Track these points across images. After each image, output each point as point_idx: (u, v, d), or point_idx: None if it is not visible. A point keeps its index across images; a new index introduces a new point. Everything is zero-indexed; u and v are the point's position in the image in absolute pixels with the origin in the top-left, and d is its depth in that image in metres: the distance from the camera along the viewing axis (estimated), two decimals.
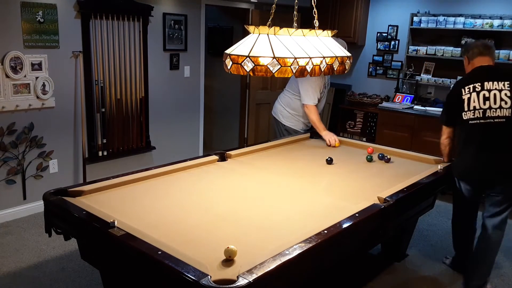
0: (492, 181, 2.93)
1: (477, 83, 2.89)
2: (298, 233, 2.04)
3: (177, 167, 2.97)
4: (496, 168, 2.89)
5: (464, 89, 2.92)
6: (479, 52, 2.99)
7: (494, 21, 4.88)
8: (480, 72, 2.96)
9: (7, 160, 3.81)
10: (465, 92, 2.91)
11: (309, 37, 2.49)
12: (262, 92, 5.98)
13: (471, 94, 2.89)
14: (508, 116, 2.81)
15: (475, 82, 2.90)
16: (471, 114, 2.89)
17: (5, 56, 3.62)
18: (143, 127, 4.72)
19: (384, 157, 3.42)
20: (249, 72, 2.24)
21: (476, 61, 3.00)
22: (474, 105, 2.87)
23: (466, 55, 3.06)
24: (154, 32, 4.66)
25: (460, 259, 3.35)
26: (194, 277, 1.64)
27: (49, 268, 3.19)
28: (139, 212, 2.32)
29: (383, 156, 3.43)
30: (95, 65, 4.21)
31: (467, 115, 2.90)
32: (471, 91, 2.89)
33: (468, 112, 2.90)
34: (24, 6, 3.68)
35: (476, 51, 3.00)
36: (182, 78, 5.09)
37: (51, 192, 2.39)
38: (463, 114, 2.92)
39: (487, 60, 2.99)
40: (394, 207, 2.50)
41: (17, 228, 3.78)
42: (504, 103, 2.82)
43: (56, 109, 4.05)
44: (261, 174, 3.01)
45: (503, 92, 2.83)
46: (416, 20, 5.42)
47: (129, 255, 1.95)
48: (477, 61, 3.00)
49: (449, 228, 4.11)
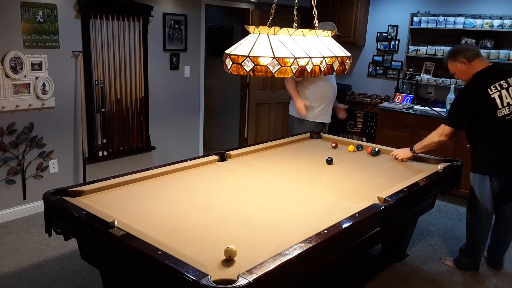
0: None
1: (501, 80, 3.01)
2: (298, 233, 2.04)
3: (177, 167, 2.97)
4: None
5: (490, 88, 3.00)
6: (477, 54, 3.11)
7: (494, 21, 4.88)
8: (495, 71, 3.08)
9: (7, 160, 3.81)
10: (492, 91, 3.00)
11: (309, 37, 2.49)
12: (262, 92, 5.98)
13: (500, 91, 3.00)
14: None
15: (499, 80, 3.01)
16: (506, 110, 3.00)
17: (5, 56, 3.62)
18: (143, 127, 4.72)
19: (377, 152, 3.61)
20: (249, 72, 2.24)
21: (478, 63, 3.09)
22: (507, 101, 3.00)
23: (463, 59, 3.11)
24: (154, 32, 4.66)
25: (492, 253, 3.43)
26: (194, 277, 1.64)
27: (49, 268, 3.19)
28: (139, 212, 2.32)
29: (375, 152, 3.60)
30: (95, 65, 4.21)
31: (503, 112, 3.00)
32: (498, 89, 3.00)
33: (503, 109, 3.00)
34: (24, 6, 3.67)
35: (473, 53, 3.10)
36: (182, 78, 5.09)
37: (51, 192, 2.39)
38: (498, 112, 3.00)
39: (484, 61, 3.14)
40: (394, 207, 2.50)
41: (17, 228, 3.78)
42: None
43: (56, 109, 4.05)
44: (261, 174, 3.01)
45: None
46: (416, 20, 5.42)
47: (129, 255, 1.95)
48: (479, 62, 3.10)
49: (449, 228, 4.13)
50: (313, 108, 4.37)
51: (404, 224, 3.15)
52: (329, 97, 4.40)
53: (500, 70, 3.12)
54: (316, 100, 4.36)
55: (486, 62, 3.13)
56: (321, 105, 4.37)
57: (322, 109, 4.39)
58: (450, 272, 3.35)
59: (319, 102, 4.37)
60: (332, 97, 4.44)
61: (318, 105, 4.37)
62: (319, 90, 4.33)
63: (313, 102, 4.36)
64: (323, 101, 4.37)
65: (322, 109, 4.39)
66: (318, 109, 4.38)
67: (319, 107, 4.38)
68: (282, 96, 6.17)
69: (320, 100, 4.37)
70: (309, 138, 4.08)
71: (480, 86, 3.05)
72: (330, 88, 4.38)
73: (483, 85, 3.03)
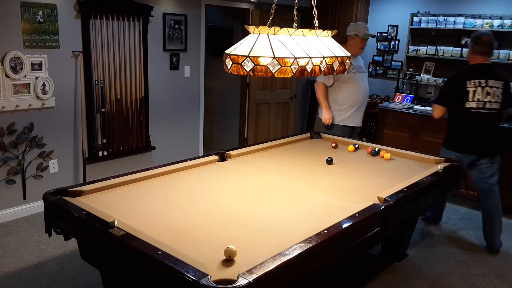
0: (483, 154, 3.63)
1: (482, 79, 3.52)
2: (298, 233, 2.04)
3: (177, 167, 2.97)
4: (487, 144, 3.63)
5: (469, 81, 3.53)
6: (482, 51, 3.55)
7: (494, 21, 4.88)
8: (483, 70, 3.57)
9: (7, 160, 3.81)
10: (470, 85, 3.52)
11: (309, 37, 2.49)
12: (262, 92, 5.98)
13: (476, 88, 3.52)
14: (499, 108, 3.56)
15: (480, 78, 3.52)
16: (474, 104, 3.53)
17: (5, 56, 3.62)
18: (143, 127, 4.72)
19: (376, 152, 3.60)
20: (249, 72, 2.24)
21: (478, 58, 3.58)
22: (478, 97, 3.52)
23: (473, 48, 3.60)
24: (154, 32, 4.67)
25: None
26: (194, 277, 1.64)
27: (49, 268, 3.19)
28: (139, 212, 2.32)
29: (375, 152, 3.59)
30: (95, 65, 4.21)
31: (470, 104, 3.53)
32: (476, 86, 3.52)
33: (471, 102, 3.53)
34: (24, 6, 3.67)
35: (479, 50, 3.56)
36: (182, 78, 5.09)
37: (51, 192, 2.39)
38: (466, 103, 3.54)
39: (486, 59, 3.59)
40: (394, 207, 2.50)
41: (17, 228, 3.78)
42: (498, 98, 3.53)
43: (56, 109, 4.05)
44: (261, 174, 3.01)
45: (499, 89, 3.53)
46: (416, 20, 5.42)
47: (129, 255, 1.95)
48: (479, 58, 3.58)
49: (448, 228, 4.13)
50: (343, 111, 4.32)
51: (404, 224, 3.15)
52: (360, 101, 4.33)
53: (488, 70, 3.57)
54: (346, 103, 4.30)
55: (486, 60, 3.57)
56: (351, 108, 4.31)
57: (352, 113, 4.33)
58: (450, 272, 3.35)
59: (349, 105, 4.31)
60: (363, 100, 4.37)
61: (348, 108, 4.31)
62: (350, 93, 4.28)
63: (343, 105, 4.31)
64: (353, 104, 4.31)
65: (352, 112, 4.33)
66: (348, 112, 4.32)
67: (349, 110, 4.32)
68: (282, 96, 6.18)
69: (350, 104, 4.30)
70: (309, 138, 4.08)
71: (462, 77, 3.59)
72: (361, 91, 4.32)
73: (465, 78, 3.56)
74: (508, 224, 4.30)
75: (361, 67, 4.43)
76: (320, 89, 4.34)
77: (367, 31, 4.26)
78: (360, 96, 4.32)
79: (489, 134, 3.62)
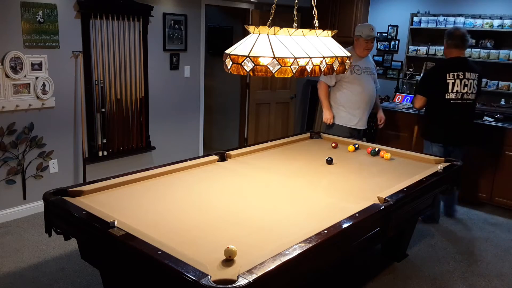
0: (461, 143, 4.04)
1: (460, 72, 3.86)
2: (298, 233, 2.04)
3: (177, 167, 2.97)
4: (465, 134, 4.01)
5: (449, 74, 3.86)
6: (456, 44, 3.91)
7: (494, 21, 4.88)
8: (460, 63, 3.92)
9: (7, 160, 3.81)
10: (449, 77, 3.86)
11: (309, 37, 2.49)
12: (262, 92, 5.98)
13: (455, 80, 3.86)
14: (473, 99, 3.95)
15: (459, 71, 3.86)
16: (453, 95, 3.89)
17: (5, 56, 3.62)
18: (143, 127, 4.72)
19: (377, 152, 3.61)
20: (249, 72, 2.24)
21: (454, 51, 3.93)
22: (457, 89, 3.87)
23: (447, 42, 3.96)
24: (154, 32, 4.66)
25: None
26: (194, 277, 1.64)
27: (49, 268, 3.19)
28: (139, 212, 2.32)
29: (375, 152, 3.60)
30: (95, 65, 4.21)
31: (450, 96, 3.89)
32: (455, 78, 3.86)
33: (451, 94, 3.88)
34: (24, 6, 3.67)
35: (453, 43, 3.91)
36: (182, 78, 5.09)
37: (51, 192, 2.39)
38: (446, 95, 3.88)
39: (462, 52, 3.95)
40: (394, 207, 2.50)
41: (17, 228, 3.78)
42: (474, 89, 3.91)
43: (56, 109, 4.05)
44: (261, 174, 3.01)
45: (474, 81, 3.90)
46: (416, 20, 5.42)
47: (129, 255, 1.95)
48: (455, 52, 3.93)
49: (449, 228, 4.13)
50: (344, 112, 4.28)
51: (404, 224, 3.15)
52: (363, 102, 4.26)
53: (464, 63, 3.92)
54: (348, 104, 4.25)
55: (460, 53, 3.93)
56: (353, 109, 4.26)
57: (355, 114, 4.27)
58: (450, 272, 3.35)
59: (351, 106, 4.25)
60: (367, 102, 4.28)
61: (350, 109, 4.26)
62: (353, 94, 4.23)
63: (345, 106, 4.26)
64: (356, 105, 4.25)
65: (354, 114, 4.26)
66: (350, 113, 4.27)
67: (351, 111, 4.26)
68: (282, 96, 6.18)
69: (352, 105, 4.25)
70: (309, 138, 4.08)
71: (442, 70, 3.91)
72: (366, 93, 4.25)
73: (445, 70, 3.88)
74: (508, 224, 4.30)
75: (370, 68, 4.35)
76: (322, 89, 4.34)
77: (371, 32, 4.18)
78: (363, 98, 4.25)
79: (466, 123, 4.00)
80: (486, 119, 4.66)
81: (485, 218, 4.42)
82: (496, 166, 4.51)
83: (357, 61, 4.24)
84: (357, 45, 4.27)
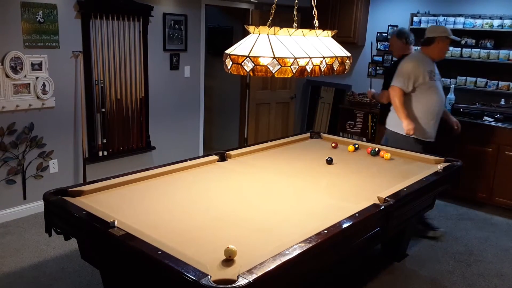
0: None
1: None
2: (298, 233, 2.04)
3: (177, 167, 2.97)
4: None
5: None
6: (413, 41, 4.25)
7: (494, 21, 4.87)
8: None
9: (7, 160, 3.81)
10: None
11: (309, 37, 2.49)
12: (262, 92, 5.98)
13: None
14: None
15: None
16: None
17: (5, 56, 3.62)
18: (143, 127, 4.72)
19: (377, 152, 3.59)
20: (249, 72, 2.24)
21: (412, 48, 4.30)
22: None
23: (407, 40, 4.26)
24: (154, 32, 4.67)
25: None
26: (194, 277, 1.64)
27: (49, 268, 3.19)
28: (139, 212, 2.32)
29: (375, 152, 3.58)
30: (95, 65, 4.21)
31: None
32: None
33: None
34: (24, 6, 3.68)
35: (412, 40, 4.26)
36: (182, 78, 5.09)
37: (51, 192, 2.39)
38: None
39: None
40: (394, 207, 2.50)
41: (17, 228, 3.78)
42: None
43: (56, 109, 4.06)
44: (261, 174, 3.01)
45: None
46: (416, 20, 5.41)
47: (129, 255, 1.95)
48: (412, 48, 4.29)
49: (448, 228, 4.13)
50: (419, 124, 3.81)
51: (404, 224, 3.15)
52: (436, 112, 3.86)
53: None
54: (425, 115, 3.82)
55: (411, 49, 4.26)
56: (429, 121, 3.84)
57: (430, 126, 3.86)
58: (450, 272, 3.35)
59: (428, 117, 3.82)
60: (439, 112, 3.90)
61: (426, 121, 3.83)
62: (428, 103, 3.81)
63: (422, 117, 3.82)
64: (431, 117, 3.84)
65: (430, 126, 3.85)
66: (425, 125, 3.84)
67: (427, 123, 3.84)
68: (282, 96, 6.19)
69: (429, 115, 3.83)
70: (309, 138, 4.08)
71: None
72: (440, 101, 3.88)
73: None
74: (508, 224, 4.30)
75: (439, 74, 3.96)
76: (397, 95, 3.78)
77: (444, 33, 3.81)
78: (437, 107, 3.86)
79: None
80: (486, 119, 4.66)
81: (485, 218, 4.42)
82: (496, 166, 4.52)
83: (431, 66, 3.85)
84: (437, 48, 3.82)
